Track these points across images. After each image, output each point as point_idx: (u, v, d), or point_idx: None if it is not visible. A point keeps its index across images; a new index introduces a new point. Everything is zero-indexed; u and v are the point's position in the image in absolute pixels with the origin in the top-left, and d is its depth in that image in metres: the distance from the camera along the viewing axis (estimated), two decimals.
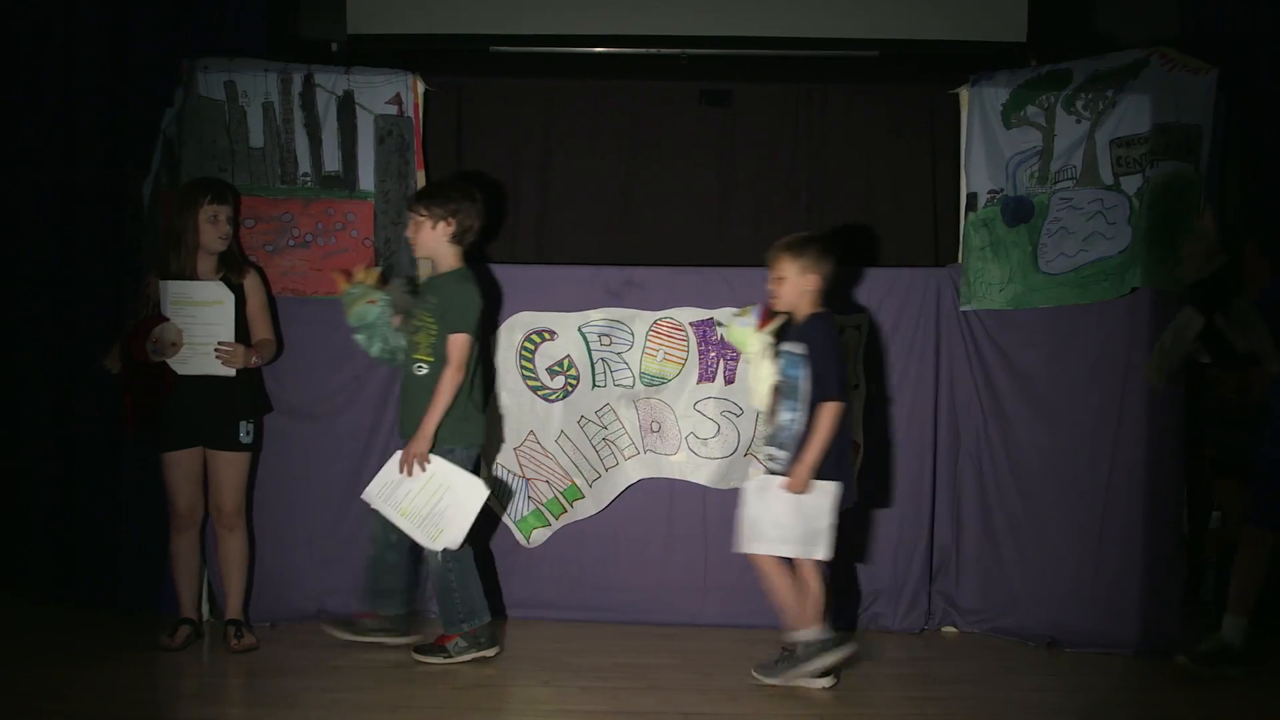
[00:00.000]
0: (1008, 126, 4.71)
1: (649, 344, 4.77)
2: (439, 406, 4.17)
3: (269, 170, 4.73)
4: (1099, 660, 4.38)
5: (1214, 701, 3.98)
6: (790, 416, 3.99)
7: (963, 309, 4.75)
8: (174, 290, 4.31)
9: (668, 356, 4.76)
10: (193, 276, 4.34)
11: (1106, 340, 4.48)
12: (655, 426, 4.78)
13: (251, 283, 4.47)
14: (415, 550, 4.32)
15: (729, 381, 4.76)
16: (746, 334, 4.10)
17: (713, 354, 4.76)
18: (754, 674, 4.05)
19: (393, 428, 4.55)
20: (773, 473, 4.04)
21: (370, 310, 4.33)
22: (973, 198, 4.78)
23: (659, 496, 4.82)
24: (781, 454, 4.00)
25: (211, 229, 4.36)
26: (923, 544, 4.77)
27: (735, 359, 4.73)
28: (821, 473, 3.95)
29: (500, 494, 4.74)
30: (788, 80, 5.10)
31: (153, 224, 4.64)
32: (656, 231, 5.06)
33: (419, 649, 4.29)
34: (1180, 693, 4.07)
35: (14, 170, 4.87)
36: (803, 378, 3.97)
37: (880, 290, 4.77)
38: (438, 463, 4.19)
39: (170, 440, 4.38)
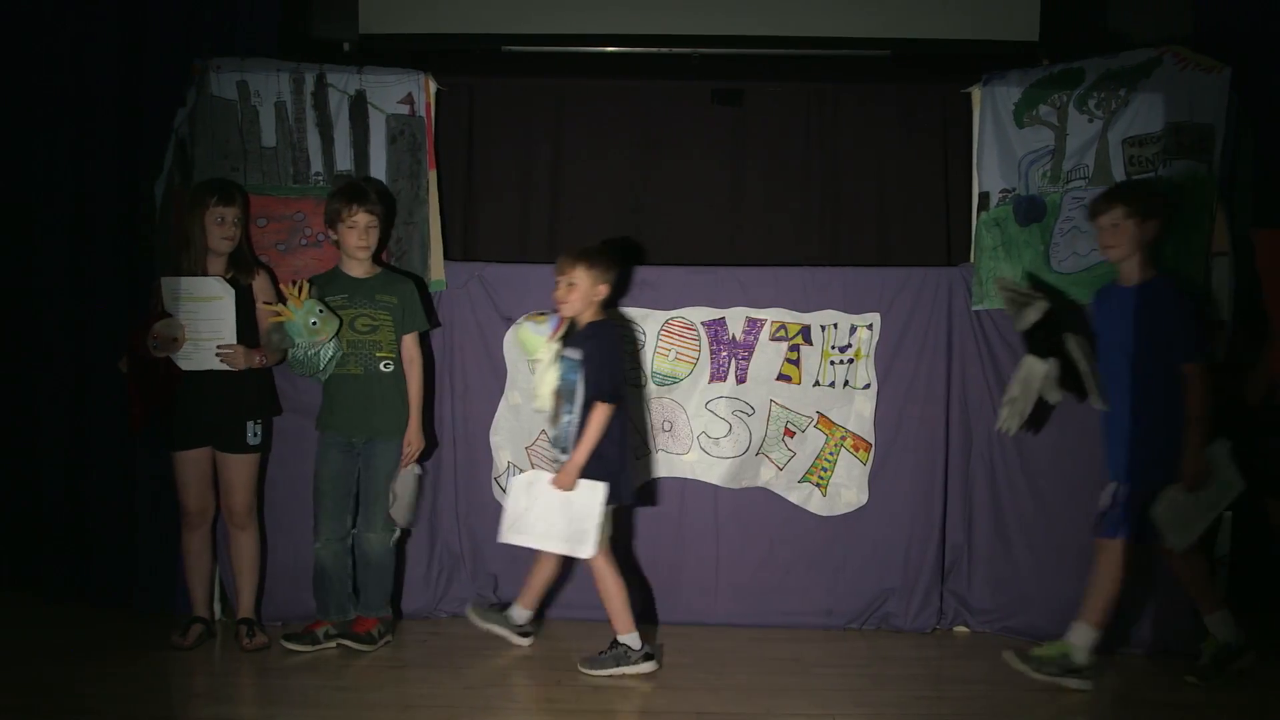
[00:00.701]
0: (1020, 126, 4.70)
1: (661, 343, 4.77)
2: (420, 402, 4.47)
3: (281, 170, 4.74)
4: (1111, 660, 4.37)
5: (1225, 700, 3.98)
6: (568, 419, 4.20)
7: (974, 308, 4.74)
8: (173, 287, 4.33)
9: (680, 356, 4.76)
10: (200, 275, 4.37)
11: None
12: (667, 426, 4.78)
13: (260, 284, 4.48)
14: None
15: (740, 381, 4.76)
16: (540, 341, 4.26)
17: (724, 354, 4.77)
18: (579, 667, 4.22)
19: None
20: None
21: (331, 321, 4.33)
22: (985, 197, 4.77)
23: (671, 496, 4.82)
24: (564, 456, 4.21)
25: (217, 230, 4.38)
26: (934, 543, 4.76)
27: (747, 359, 4.73)
28: (589, 472, 4.15)
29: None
30: (799, 80, 5.09)
31: (165, 224, 4.64)
32: (668, 231, 5.05)
33: (353, 638, 4.38)
34: (1192, 692, 4.07)
35: (28, 170, 4.88)
36: (579, 382, 4.18)
37: (892, 290, 4.76)
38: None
39: (180, 440, 4.41)
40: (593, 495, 4.14)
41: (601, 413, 4.13)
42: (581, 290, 4.21)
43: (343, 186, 4.50)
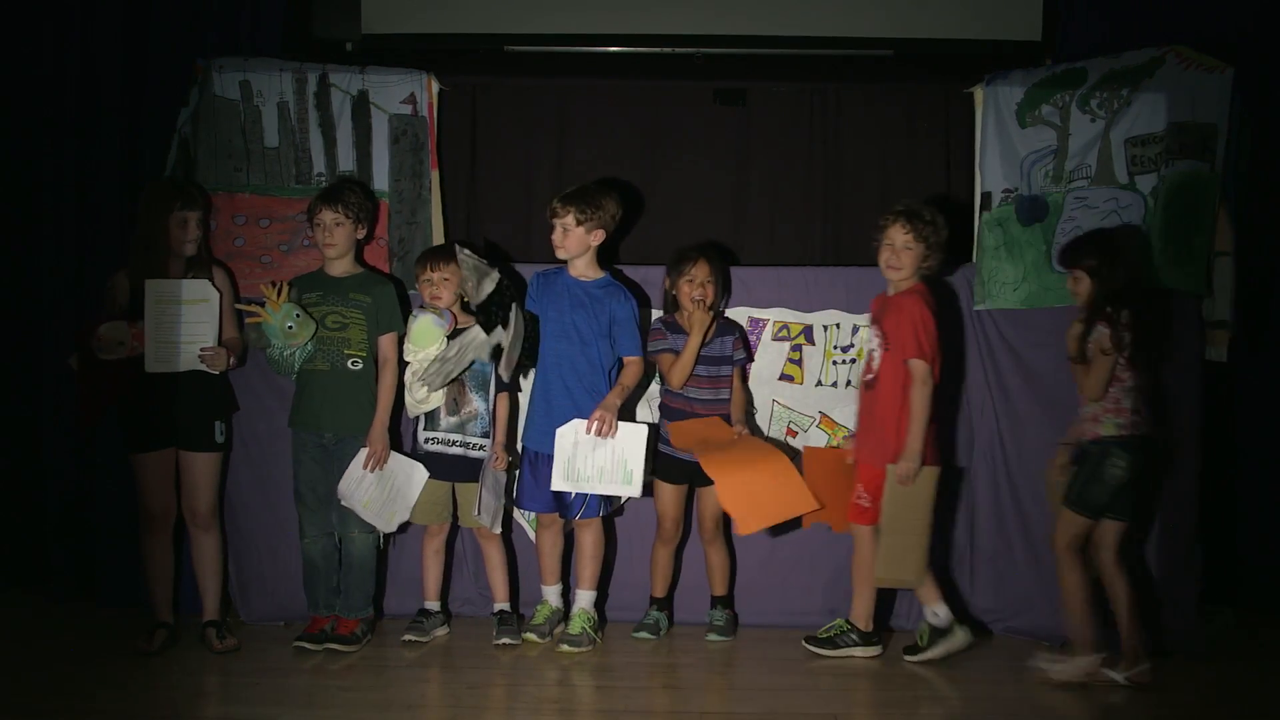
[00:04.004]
0: (1023, 125, 4.70)
1: None
2: (388, 404, 4.44)
3: (284, 170, 4.74)
4: (1113, 660, 4.36)
5: (1227, 701, 3.99)
6: (484, 406, 4.48)
7: (976, 308, 4.74)
8: (159, 289, 4.30)
9: None
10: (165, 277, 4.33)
11: None
12: None
13: (219, 281, 4.44)
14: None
15: (744, 381, 4.76)
16: (439, 333, 4.42)
17: None
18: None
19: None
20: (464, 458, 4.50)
21: (307, 325, 4.34)
22: (987, 197, 4.77)
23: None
24: (485, 440, 4.48)
25: (181, 233, 4.36)
26: (937, 543, 4.75)
27: (750, 359, 4.72)
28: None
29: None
30: (802, 80, 5.10)
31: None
32: (672, 231, 5.06)
33: (337, 640, 4.36)
34: (1194, 692, 4.08)
35: (31, 170, 4.90)
36: (489, 373, 4.47)
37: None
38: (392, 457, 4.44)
39: (143, 441, 4.37)
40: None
41: (508, 400, 4.53)
42: (454, 286, 4.45)
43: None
